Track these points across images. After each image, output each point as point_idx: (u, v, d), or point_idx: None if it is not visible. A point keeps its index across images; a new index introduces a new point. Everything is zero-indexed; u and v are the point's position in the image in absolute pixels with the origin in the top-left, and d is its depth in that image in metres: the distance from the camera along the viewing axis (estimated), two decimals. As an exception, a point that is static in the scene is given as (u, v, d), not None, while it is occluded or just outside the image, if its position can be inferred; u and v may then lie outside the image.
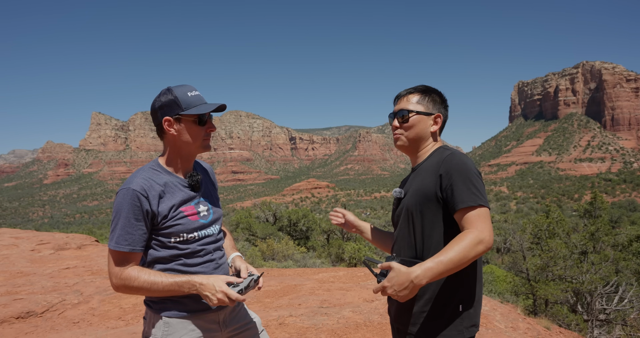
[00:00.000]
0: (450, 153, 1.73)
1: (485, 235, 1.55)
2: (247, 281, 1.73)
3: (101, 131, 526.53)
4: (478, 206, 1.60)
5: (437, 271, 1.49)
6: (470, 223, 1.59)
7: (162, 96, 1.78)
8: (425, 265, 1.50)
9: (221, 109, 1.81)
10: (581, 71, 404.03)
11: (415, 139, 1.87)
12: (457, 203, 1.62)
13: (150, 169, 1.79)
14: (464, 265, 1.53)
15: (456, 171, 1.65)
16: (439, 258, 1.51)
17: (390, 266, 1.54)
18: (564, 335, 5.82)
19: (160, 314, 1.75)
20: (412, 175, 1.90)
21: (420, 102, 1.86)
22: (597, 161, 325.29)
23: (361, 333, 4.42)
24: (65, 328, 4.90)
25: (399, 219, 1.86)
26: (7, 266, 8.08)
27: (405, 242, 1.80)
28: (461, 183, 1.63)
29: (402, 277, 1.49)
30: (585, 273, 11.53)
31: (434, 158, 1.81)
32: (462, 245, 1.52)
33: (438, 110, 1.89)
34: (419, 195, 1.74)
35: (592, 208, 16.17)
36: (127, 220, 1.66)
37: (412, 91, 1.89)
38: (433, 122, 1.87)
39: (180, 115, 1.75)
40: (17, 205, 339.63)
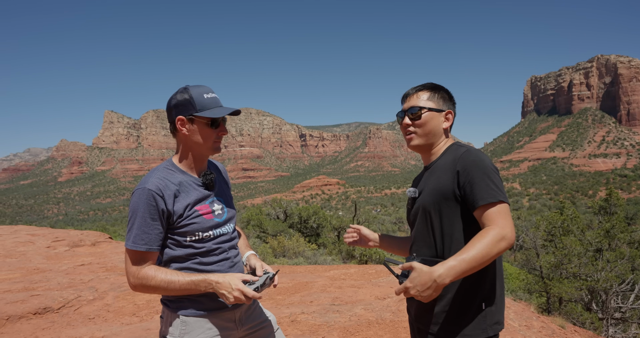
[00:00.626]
0: (466, 150, 1.71)
1: (507, 231, 1.52)
2: (262, 279, 1.74)
3: (114, 129, 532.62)
4: (498, 202, 1.58)
5: (460, 270, 1.47)
6: (490, 219, 1.56)
7: (178, 94, 1.78)
8: (447, 264, 1.48)
9: (235, 114, 1.82)
10: (596, 65, 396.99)
11: (428, 137, 1.84)
12: (477, 200, 1.60)
13: (164, 168, 1.80)
14: (486, 263, 1.50)
15: (473, 167, 1.63)
16: (461, 256, 1.49)
17: (411, 267, 1.51)
18: (579, 334, 5.74)
19: (178, 313, 1.76)
20: (426, 174, 1.86)
21: (430, 99, 1.84)
22: (612, 157, 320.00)
23: (373, 331, 4.42)
24: (81, 324, 4.98)
25: (415, 219, 1.83)
26: (23, 263, 8.24)
27: (424, 242, 1.77)
28: (479, 179, 1.61)
29: (424, 277, 1.47)
30: (601, 271, 11.36)
31: (448, 155, 1.79)
32: (485, 242, 1.49)
33: (448, 107, 1.88)
34: (436, 194, 1.71)
35: (608, 205, 15.88)
36: (143, 219, 1.67)
37: (421, 88, 1.87)
38: (444, 119, 1.86)
39: (193, 116, 1.76)
40: (33, 202, 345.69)
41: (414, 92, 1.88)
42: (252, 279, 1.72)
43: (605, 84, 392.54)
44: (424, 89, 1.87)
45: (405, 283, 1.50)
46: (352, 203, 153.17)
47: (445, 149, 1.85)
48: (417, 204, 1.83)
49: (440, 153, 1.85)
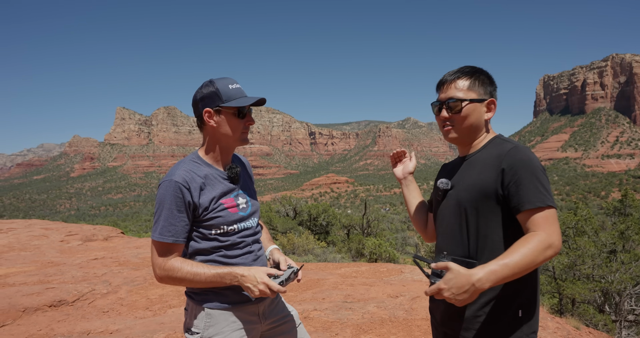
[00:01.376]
0: (514, 147, 1.56)
1: (555, 239, 1.42)
2: (287, 274, 1.73)
3: (125, 126, 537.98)
4: (546, 207, 1.46)
5: (502, 276, 1.36)
6: (537, 225, 1.44)
7: (204, 87, 1.79)
8: (488, 268, 1.36)
9: (261, 102, 1.80)
10: (610, 64, 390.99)
11: (469, 130, 1.68)
12: (524, 203, 1.47)
13: (190, 161, 1.80)
14: (529, 270, 1.39)
15: (522, 166, 1.49)
16: (504, 260, 1.37)
17: (447, 267, 1.39)
18: (593, 336, 5.66)
19: (202, 305, 1.76)
20: (464, 165, 1.70)
21: (471, 88, 1.65)
22: (625, 158, 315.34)
23: (387, 329, 4.39)
24: (96, 317, 5.03)
25: (446, 213, 1.69)
26: (38, 256, 8.35)
27: (455, 240, 1.64)
28: (528, 180, 1.48)
29: (462, 279, 1.35)
30: (615, 273, 11.19)
31: (491, 149, 1.64)
32: (530, 249, 1.38)
33: (491, 94, 1.69)
34: (476, 191, 1.57)
35: (622, 206, 15.64)
36: (170, 211, 1.67)
37: (459, 75, 1.67)
38: (487, 109, 1.68)
39: (220, 107, 1.75)
40: (46, 197, 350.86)
41: (452, 79, 1.68)
42: (277, 273, 1.71)
43: (620, 83, 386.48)
44: (463, 76, 1.67)
45: (439, 284, 1.38)
46: (361, 202, 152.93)
47: (487, 142, 1.69)
48: (450, 198, 1.68)
49: (482, 145, 1.70)
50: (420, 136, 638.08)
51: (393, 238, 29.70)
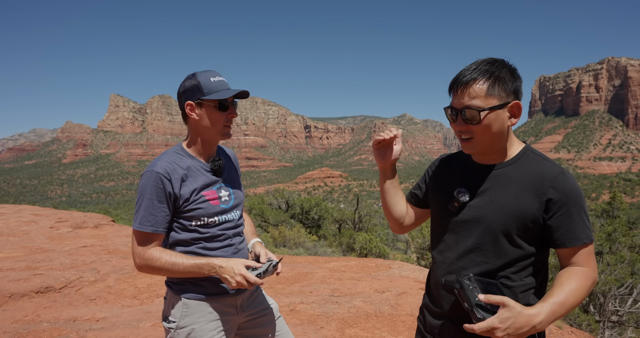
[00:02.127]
0: (561, 172, 1.40)
1: (597, 273, 1.40)
2: (265, 266, 1.75)
3: (119, 113, 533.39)
4: (590, 242, 1.40)
5: (559, 315, 1.29)
6: (582, 261, 1.38)
7: (186, 80, 1.80)
8: (549, 308, 1.27)
9: (243, 95, 1.81)
10: (606, 67, 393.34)
11: (491, 142, 1.45)
12: (571, 239, 1.37)
13: (174, 153, 1.81)
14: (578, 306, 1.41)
15: (573, 199, 1.37)
16: (560, 299, 1.30)
17: (504, 303, 1.24)
18: (575, 335, 5.76)
19: (180, 295, 1.78)
20: (489, 178, 1.48)
21: (490, 93, 1.38)
22: (617, 160, 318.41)
23: (371, 324, 4.44)
24: (83, 305, 5.03)
25: (462, 228, 1.50)
26: (27, 242, 8.31)
27: (478, 258, 1.46)
28: (577, 215, 1.37)
29: (522, 320, 1.23)
30: (600, 274, 11.36)
31: (528, 167, 1.45)
32: (583, 287, 1.34)
33: (514, 94, 1.42)
34: (512, 216, 1.40)
35: (611, 208, 15.83)
36: (150, 201, 1.69)
37: (476, 76, 1.39)
38: (510, 114, 1.42)
39: (201, 100, 1.76)
40: (37, 183, 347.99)
41: (467, 81, 1.40)
42: (255, 265, 1.74)
43: (615, 86, 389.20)
44: (480, 78, 1.38)
45: (493, 323, 1.22)
46: (354, 196, 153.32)
47: (517, 154, 1.49)
48: (469, 213, 1.48)
49: (511, 156, 1.49)
50: (415, 132, 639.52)
51: (384, 234, 29.83)
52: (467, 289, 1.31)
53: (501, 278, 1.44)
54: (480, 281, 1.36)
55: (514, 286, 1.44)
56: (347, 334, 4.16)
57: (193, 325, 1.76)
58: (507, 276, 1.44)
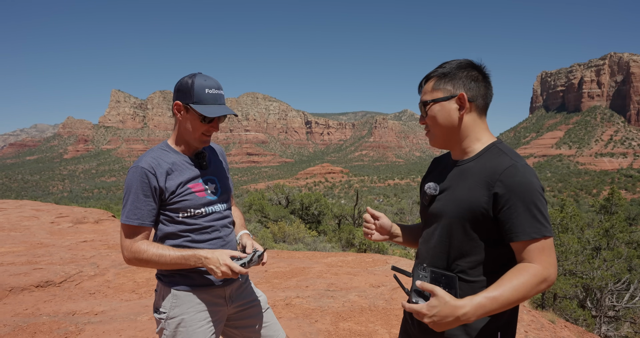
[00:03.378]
0: (512, 165, 1.39)
1: (551, 272, 1.34)
2: (250, 256, 1.80)
3: (120, 109, 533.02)
4: (542, 237, 1.35)
5: (490, 310, 1.30)
6: (533, 258, 1.35)
7: (185, 78, 1.83)
8: (477, 301, 1.29)
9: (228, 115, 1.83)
10: (608, 63, 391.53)
11: (443, 132, 1.54)
12: (518, 233, 1.36)
13: (159, 149, 1.88)
14: (518, 304, 1.34)
15: (519, 192, 1.35)
16: (493, 294, 1.29)
17: (434, 292, 1.31)
18: (568, 329, 5.83)
19: (170, 287, 1.85)
20: (454, 171, 1.55)
21: (436, 88, 1.52)
22: (618, 156, 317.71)
23: (365, 317, 4.51)
24: (82, 299, 5.11)
25: (431, 220, 1.59)
26: (27, 237, 8.39)
27: (437, 249, 1.54)
28: (524, 208, 1.35)
29: (446, 310, 1.28)
30: (597, 269, 11.43)
31: (486, 161, 1.47)
32: (524, 283, 1.31)
33: (463, 88, 1.50)
34: (464, 208, 1.45)
35: (609, 204, 15.86)
36: (136, 195, 1.75)
37: (427, 77, 1.57)
38: (458, 106, 1.50)
39: (188, 105, 1.80)
40: (38, 178, 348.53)
41: (423, 83, 1.58)
42: (240, 255, 1.79)
43: (617, 82, 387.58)
44: (430, 77, 1.56)
45: (421, 309, 1.31)
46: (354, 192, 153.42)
47: (483, 149, 1.52)
48: (437, 205, 1.56)
49: (477, 151, 1.52)
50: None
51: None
52: (415, 276, 1.42)
53: (459, 272, 1.47)
54: (434, 272, 1.40)
55: (472, 281, 1.45)
56: (341, 327, 4.23)
57: (182, 316, 1.82)
58: (464, 271, 1.47)
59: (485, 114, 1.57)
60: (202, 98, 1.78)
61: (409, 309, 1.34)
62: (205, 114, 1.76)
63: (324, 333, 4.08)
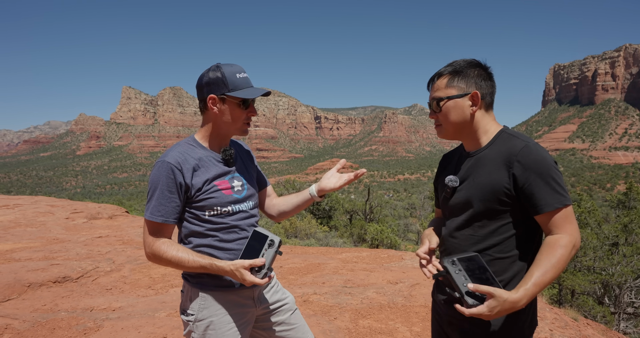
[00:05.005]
0: (525, 145, 1.51)
1: (576, 236, 1.46)
2: (269, 260, 1.66)
3: (131, 105, 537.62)
4: (564, 206, 1.46)
5: (536, 292, 1.41)
6: (559, 227, 1.46)
7: (210, 72, 1.76)
8: (530, 291, 1.39)
9: (266, 95, 1.80)
10: (623, 55, 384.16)
11: (455, 128, 1.65)
12: (541, 206, 1.46)
13: (186, 144, 1.80)
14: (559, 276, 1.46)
15: (535, 169, 1.47)
16: (539, 277, 1.40)
17: (491, 294, 1.38)
18: (591, 327, 5.69)
19: (197, 288, 1.78)
20: (470, 161, 1.66)
21: (450, 85, 1.62)
22: (633, 150, 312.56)
23: (385, 315, 4.43)
24: (99, 294, 5.11)
25: (455, 209, 1.67)
26: (44, 233, 8.46)
27: (463, 236, 1.64)
28: (543, 183, 1.46)
29: (507, 306, 1.38)
30: (616, 265, 11.20)
31: (499, 146, 1.59)
32: (560, 258, 1.41)
33: (475, 86, 1.61)
34: (486, 191, 1.55)
35: (627, 199, 15.52)
36: (161, 191, 1.69)
37: (440, 74, 1.66)
38: (471, 103, 1.61)
39: (225, 95, 1.74)
40: (52, 174, 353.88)
41: (434, 78, 1.69)
42: (259, 264, 1.65)
43: (632, 74, 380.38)
44: (442, 75, 1.66)
45: (482, 311, 1.39)
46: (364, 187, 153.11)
47: (493, 137, 1.63)
48: (459, 195, 1.65)
49: (488, 141, 1.64)
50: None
51: (395, 225, 29.78)
52: (454, 275, 1.45)
53: (491, 250, 1.57)
54: (462, 260, 1.48)
55: (504, 258, 1.56)
56: (360, 325, 4.16)
57: (211, 318, 1.76)
58: (496, 249, 1.57)
59: (492, 108, 1.69)
60: (237, 84, 1.74)
61: (469, 314, 1.41)
62: (248, 97, 1.72)
63: (344, 330, 4.01)
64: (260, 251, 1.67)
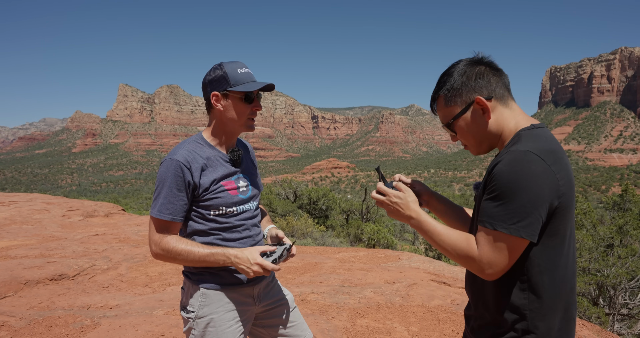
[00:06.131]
0: (508, 152, 1.30)
1: (483, 262, 1.28)
2: (280, 251, 1.74)
3: (127, 103, 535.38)
4: (491, 228, 1.26)
5: (420, 228, 1.43)
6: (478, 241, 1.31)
7: (213, 70, 1.78)
8: (425, 218, 1.43)
9: (269, 88, 1.80)
10: (619, 57, 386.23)
11: (480, 141, 1.47)
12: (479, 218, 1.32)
13: (194, 142, 1.80)
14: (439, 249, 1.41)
15: (498, 178, 1.27)
16: (436, 229, 1.39)
17: (403, 191, 1.49)
18: (587, 328, 5.72)
19: (198, 285, 1.78)
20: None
21: (448, 104, 1.45)
22: (628, 152, 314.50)
23: (382, 314, 4.44)
24: (96, 292, 5.09)
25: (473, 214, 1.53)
26: (40, 230, 8.42)
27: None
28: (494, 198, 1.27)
29: (403, 205, 1.46)
30: (611, 267, 11.27)
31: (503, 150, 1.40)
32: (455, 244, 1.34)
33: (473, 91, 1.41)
34: (478, 201, 1.42)
35: (622, 201, 15.63)
36: (170, 189, 1.68)
37: (434, 96, 1.51)
38: (481, 111, 1.41)
39: (227, 91, 1.75)
40: (47, 172, 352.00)
41: (432, 104, 1.53)
42: (270, 250, 1.73)
43: (627, 77, 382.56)
44: (437, 96, 1.49)
45: (388, 191, 1.49)
46: (361, 187, 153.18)
47: (510, 138, 1.42)
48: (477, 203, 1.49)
49: (507, 142, 1.44)
50: (423, 123, 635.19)
51: (392, 225, 29.82)
52: (380, 172, 1.66)
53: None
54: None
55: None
56: (358, 324, 4.17)
57: (212, 315, 1.76)
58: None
59: (510, 97, 1.46)
60: (238, 79, 1.75)
61: (380, 188, 1.52)
62: (249, 89, 1.72)
63: (342, 330, 4.02)
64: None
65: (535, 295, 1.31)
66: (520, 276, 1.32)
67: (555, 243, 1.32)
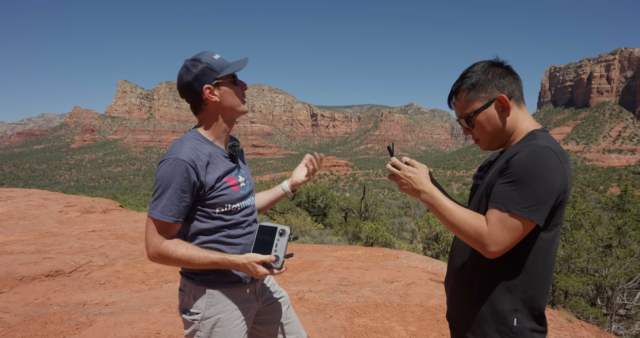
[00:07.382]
0: (528, 144, 1.40)
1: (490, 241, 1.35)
2: (281, 256, 1.70)
3: (126, 99, 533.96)
4: (507, 211, 1.34)
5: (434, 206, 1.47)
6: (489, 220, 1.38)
7: (191, 68, 1.71)
8: (437, 194, 1.47)
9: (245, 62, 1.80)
10: (618, 58, 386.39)
11: (493, 137, 1.55)
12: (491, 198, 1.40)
13: (193, 139, 1.75)
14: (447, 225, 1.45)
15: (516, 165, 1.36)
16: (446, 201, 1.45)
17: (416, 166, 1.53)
18: (585, 329, 5.71)
19: (204, 286, 1.74)
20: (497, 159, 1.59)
21: (472, 99, 1.52)
22: (626, 153, 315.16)
23: (380, 313, 4.41)
24: (92, 289, 5.05)
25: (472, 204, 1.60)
26: (36, 226, 8.37)
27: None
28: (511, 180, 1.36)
29: (416, 180, 1.50)
30: (609, 267, 11.27)
31: (518, 145, 1.48)
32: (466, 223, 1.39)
33: (497, 89, 1.50)
34: (486, 187, 1.49)
35: (621, 201, 15.62)
36: (174, 190, 1.62)
37: (455, 89, 1.56)
38: (502, 108, 1.50)
39: (218, 79, 1.72)
40: (45, 167, 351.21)
41: (452, 96, 1.59)
42: (270, 260, 1.68)
43: (627, 78, 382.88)
44: (459, 90, 1.55)
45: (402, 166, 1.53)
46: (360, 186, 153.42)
47: (522, 138, 1.52)
48: (477, 191, 1.58)
49: (517, 140, 1.53)
50: (422, 122, 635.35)
51: (390, 223, 29.84)
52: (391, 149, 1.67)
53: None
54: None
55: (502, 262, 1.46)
56: (356, 323, 4.14)
57: (219, 315, 1.72)
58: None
59: (523, 101, 1.58)
60: (220, 65, 1.73)
61: (394, 162, 1.56)
62: (238, 68, 1.74)
63: (339, 329, 3.98)
64: (273, 243, 1.71)
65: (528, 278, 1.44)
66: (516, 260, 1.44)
67: (553, 232, 1.44)
